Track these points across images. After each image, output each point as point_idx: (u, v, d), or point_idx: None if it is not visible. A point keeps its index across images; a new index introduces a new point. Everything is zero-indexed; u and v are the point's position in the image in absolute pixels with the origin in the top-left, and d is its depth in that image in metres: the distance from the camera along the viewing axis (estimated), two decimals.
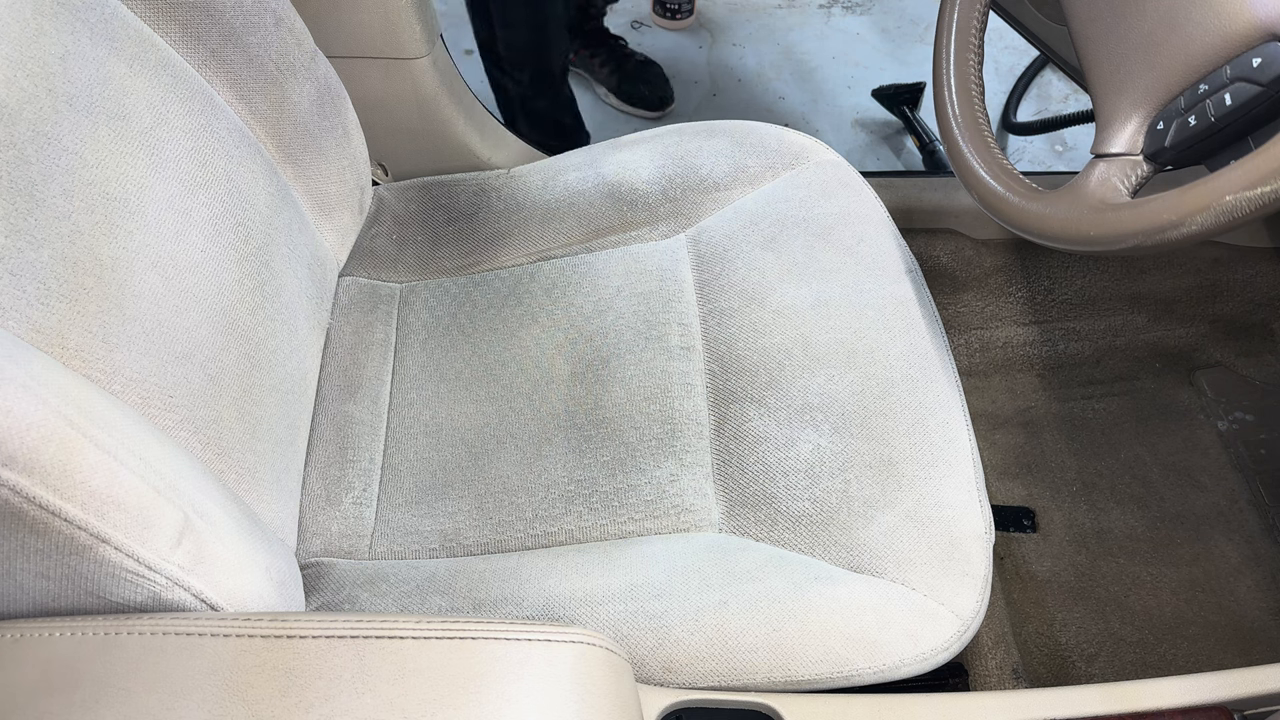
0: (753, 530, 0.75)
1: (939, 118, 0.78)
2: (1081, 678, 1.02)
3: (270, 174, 0.82)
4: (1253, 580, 1.07)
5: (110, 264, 0.61)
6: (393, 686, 0.47)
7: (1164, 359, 1.24)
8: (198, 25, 0.75)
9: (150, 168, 0.67)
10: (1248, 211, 0.53)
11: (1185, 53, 0.59)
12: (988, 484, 0.76)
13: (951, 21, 0.77)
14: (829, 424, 0.78)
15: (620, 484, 0.78)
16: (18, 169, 0.56)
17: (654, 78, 1.79)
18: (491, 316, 0.91)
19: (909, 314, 0.84)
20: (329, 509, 0.81)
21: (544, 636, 0.49)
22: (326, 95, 0.89)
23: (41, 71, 0.60)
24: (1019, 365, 1.26)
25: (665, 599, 0.69)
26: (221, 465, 0.66)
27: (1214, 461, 1.16)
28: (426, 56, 0.98)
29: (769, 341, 0.83)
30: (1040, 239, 0.68)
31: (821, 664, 0.66)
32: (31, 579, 0.48)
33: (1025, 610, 1.07)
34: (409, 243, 0.98)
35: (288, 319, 0.80)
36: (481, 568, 0.74)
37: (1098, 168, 0.65)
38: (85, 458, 0.47)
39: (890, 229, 0.91)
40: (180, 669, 0.47)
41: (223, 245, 0.73)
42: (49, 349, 0.55)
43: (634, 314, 0.88)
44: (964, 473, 0.75)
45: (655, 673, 0.67)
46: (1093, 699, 0.66)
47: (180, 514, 0.52)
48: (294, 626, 0.49)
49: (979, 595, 0.70)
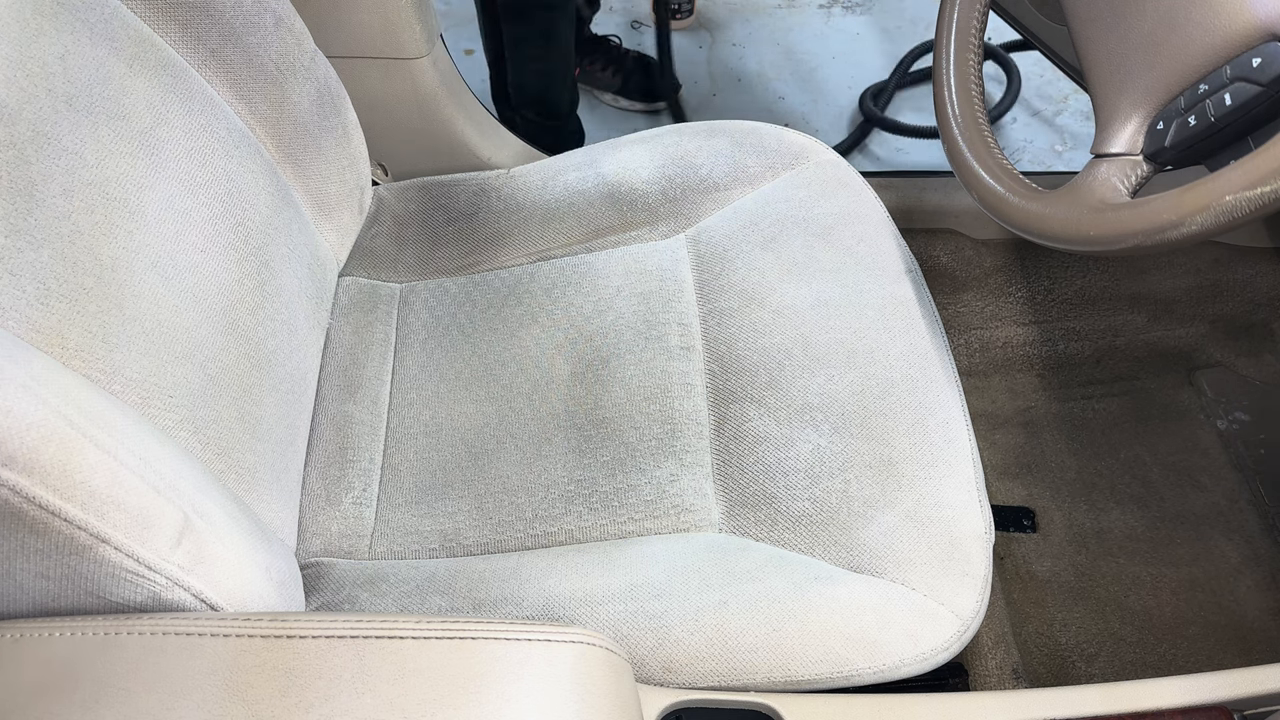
0: (753, 530, 0.75)
1: (939, 118, 0.78)
2: (1081, 678, 1.02)
3: (270, 174, 0.82)
4: (1253, 580, 1.07)
5: (110, 264, 0.61)
6: (393, 686, 0.46)
7: (1164, 359, 1.24)
8: (198, 25, 0.75)
9: (150, 168, 0.67)
10: (1248, 211, 0.53)
11: (1185, 53, 0.59)
12: (988, 484, 0.76)
13: (951, 21, 0.77)
14: (829, 424, 0.78)
15: (620, 484, 0.78)
16: (18, 169, 0.56)
17: (654, 70, 1.80)
18: (491, 316, 0.91)
19: (909, 314, 0.84)
20: (329, 509, 0.81)
21: (544, 636, 0.49)
22: (326, 95, 0.89)
23: (41, 71, 0.60)
24: (1019, 365, 1.26)
25: (665, 599, 0.69)
26: (221, 465, 0.66)
27: (1214, 461, 1.16)
28: (426, 56, 0.98)
29: (769, 341, 0.83)
30: (1040, 239, 0.68)
31: (821, 664, 0.66)
32: (31, 579, 0.48)
33: (1025, 610, 1.07)
34: (409, 243, 0.98)
35: (287, 319, 0.80)
36: (481, 568, 0.74)
37: (1098, 168, 0.65)
38: (85, 458, 0.47)
39: (890, 229, 0.91)
40: (180, 669, 0.47)
41: (222, 245, 0.73)
42: (49, 349, 0.55)
43: (634, 314, 0.88)
44: (964, 473, 0.75)
45: (655, 673, 0.67)
46: (1093, 699, 0.66)
47: (180, 514, 0.52)
48: (294, 626, 0.49)
49: (979, 595, 0.70)
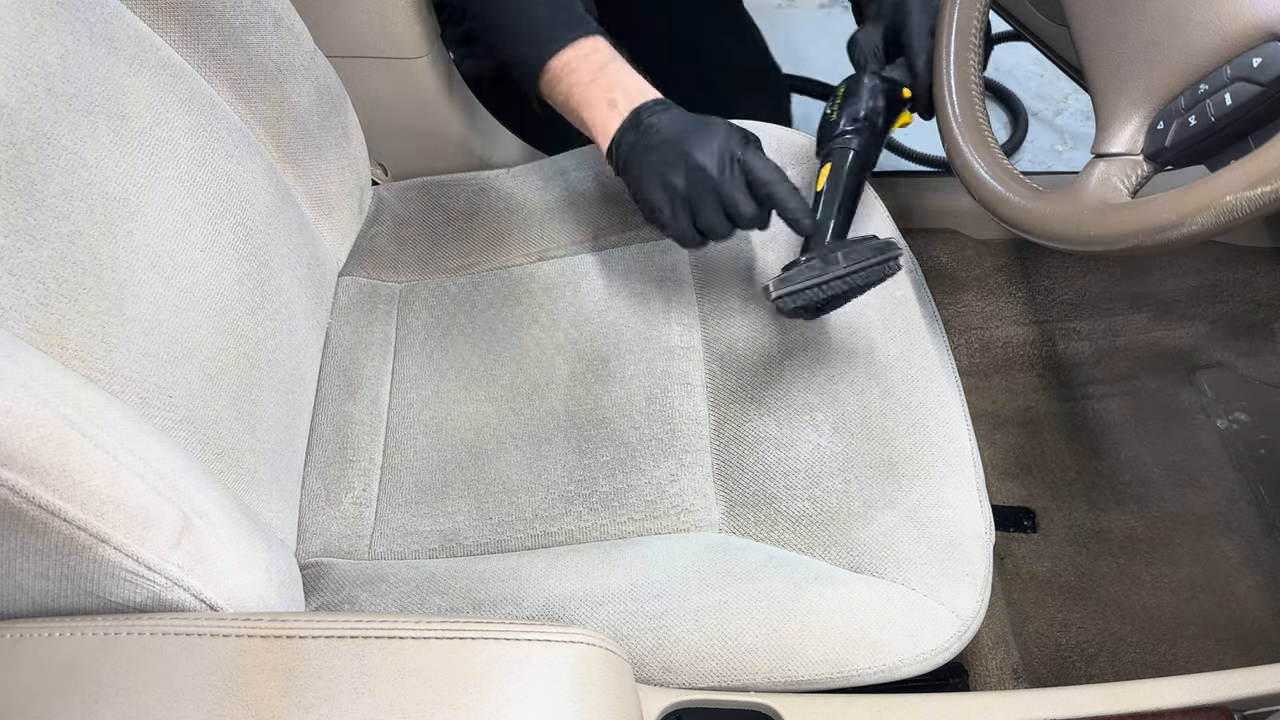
0: (753, 530, 0.75)
1: (939, 118, 0.78)
2: (1081, 678, 1.02)
3: (270, 174, 0.82)
4: (1253, 580, 1.07)
5: (110, 264, 0.61)
6: (392, 686, 0.46)
7: (1164, 359, 1.24)
8: (198, 25, 0.75)
9: (150, 168, 0.67)
10: (1248, 211, 0.53)
11: (1185, 53, 0.59)
12: (988, 484, 0.76)
13: (952, 21, 0.77)
14: (829, 424, 0.78)
15: (620, 484, 0.78)
16: (17, 169, 0.56)
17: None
18: (491, 316, 0.91)
19: (909, 314, 0.84)
20: (329, 509, 0.80)
21: (544, 637, 0.49)
22: (326, 95, 0.89)
23: (41, 71, 0.60)
24: (1019, 365, 1.26)
25: (665, 599, 0.69)
26: (221, 465, 0.66)
27: (1214, 461, 1.16)
28: (426, 56, 0.98)
29: (769, 341, 0.83)
30: (1040, 239, 0.68)
31: (821, 664, 0.66)
32: (31, 579, 0.48)
33: (1025, 610, 1.07)
34: (409, 242, 0.98)
35: (287, 319, 0.80)
36: (481, 568, 0.74)
37: (1098, 168, 0.65)
38: (85, 458, 0.47)
39: (890, 229, 0.91)
40: (180, 669, 0.47)
41: (222, 245, 0.73)
42: (49, 349, 0.55)
43: (634, 314, 0.88)
44: (964, 473, 0.75)
45: (655, 673, 0.67)
46: (1093, 699, 0.66)
47: (180, 514, 0.52)
48: (294, 626, 0.49)
49: (979, 595, 0.70)
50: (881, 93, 0.82)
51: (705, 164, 0.74)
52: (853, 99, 0.82)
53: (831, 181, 0.79)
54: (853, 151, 0.80)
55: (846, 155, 0.80)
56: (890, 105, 0.82)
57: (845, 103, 0.82)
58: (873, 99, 0.82)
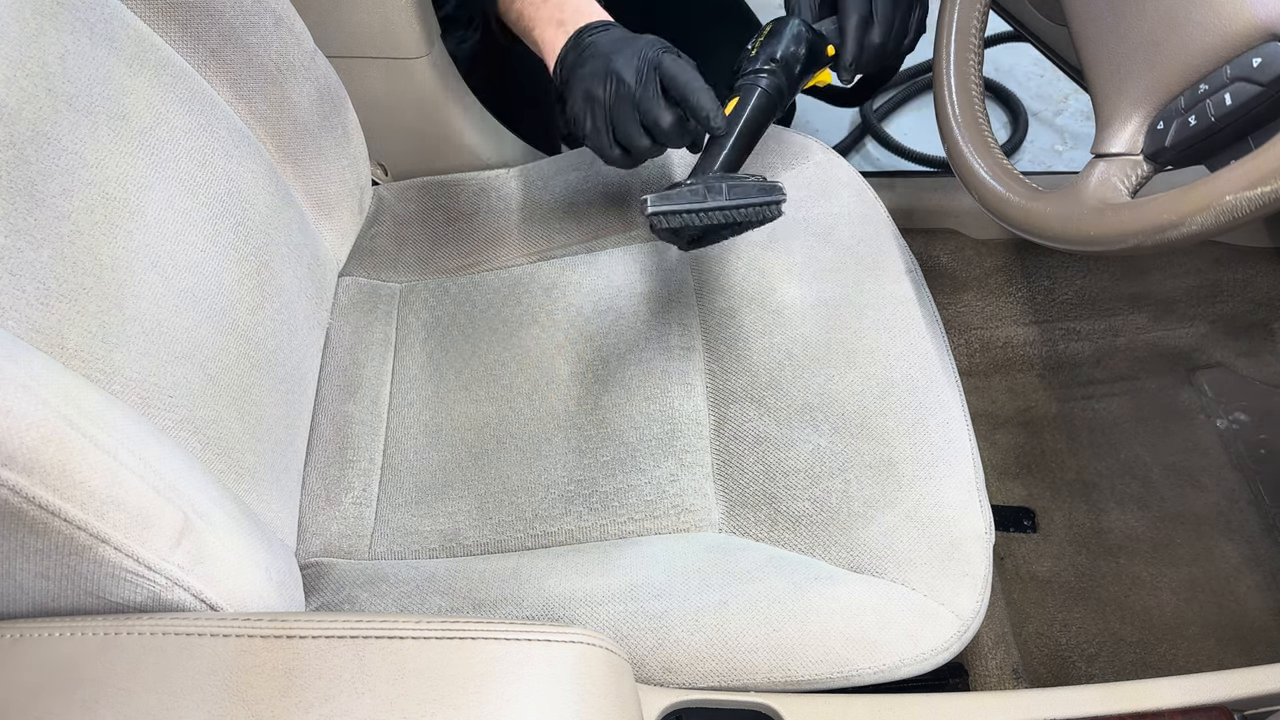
0: (753, 530, 0.75)
1: (939, 118, 0.78)
2: (1081, 678, 1.02)
3: (270, 174, 0.82)
4: (1253, 580, 1.07)
5: (110, 264, 0.61)
6: (392, 686, 0.47)
7: (1164, 359, 1.24)
8: (198, 25, 0.75)
9: (150, 168, 0.67)
10: (1248, 211, 0.53)
11: (1185, 53, 0.59)
12: (988, 484, 0.76)
13: (952, 21, 0.77)
14: (829, 424, 0.78)
15: (620, 484, 0.78)
16: (17, 169, 0.56)
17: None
18: (491, 316, 0.91)
19: (909, 314, 0.84)
20: (329, 509, 0.81)
21: (544, 637, 0.49)
22: (326, 95, 0.89)
23: (41, 71, 0.60)
24: (1019, 365, 1.26)
25: (665, 599, 0.69)
26: (221, 465, 0.66)
27: (1214, 461, 1.16)
28: (426, 56, 0.98)
29: (769, 341, 0.83)
30: (1040, 239, 0.68)
31: (821, 664, 0.66)
32: (31, 579, 0.48)
33: (1025, 610, 1.07)
34: (409, 243, 0.98)
35: (287, 319, 0.80)
36: (481, 568, 0.74)
37: (1098, 167, 0.65)
38: (85, 458, 0.47)
39: (890, 229, 0.91)
40: (180, 669, 0.47)
41: (222, 245, 0.73)
42: (49, 349, 0.55)
43: (634, 314, 0.88)
44: (964, 473, 0.75)
45: (655, 673, 0.67)
46: (1093, 699, 0.66)
47: (180, 514, 0.52)
48: (294, 626, 0.49)
49: (979, 595, 0.70)
50: (805, 41, 0.82)
51: (623, 73, 0.75)
52: (774, 39, 0.82)
53: (734, 114, 0.78)
54: (760, 89, 0.79)
55: (754, 92, 0.79)
56: (811, 56, 0.82)
57: (766, 41, 0.82)
58: (794, 44, 0.81)
